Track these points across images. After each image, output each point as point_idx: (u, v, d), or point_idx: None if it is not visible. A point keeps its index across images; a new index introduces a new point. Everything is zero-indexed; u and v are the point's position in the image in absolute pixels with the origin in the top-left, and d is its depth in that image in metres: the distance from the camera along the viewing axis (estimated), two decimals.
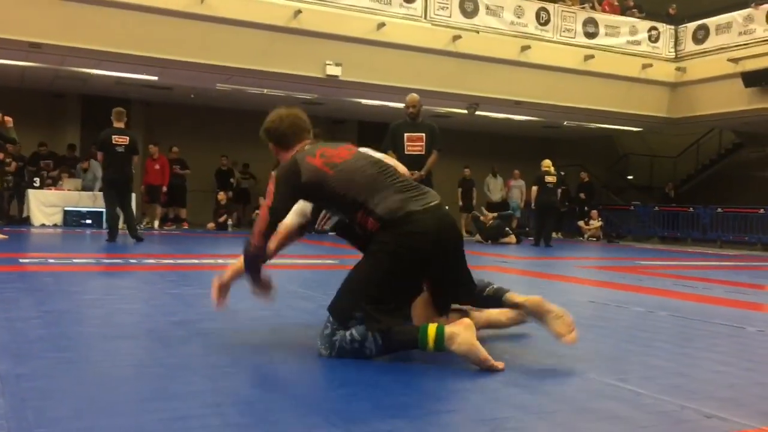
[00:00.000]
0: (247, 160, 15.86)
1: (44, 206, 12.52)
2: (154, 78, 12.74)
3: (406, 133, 7.18)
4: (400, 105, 8.15)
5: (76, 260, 6.50)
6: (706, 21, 15.54)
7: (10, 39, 10.51)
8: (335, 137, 18.05)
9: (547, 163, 12.84)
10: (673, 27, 16.06)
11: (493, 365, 2.57)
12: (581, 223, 16.72)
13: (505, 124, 16.76)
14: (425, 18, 13.30)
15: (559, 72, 14.33)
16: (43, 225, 12.24)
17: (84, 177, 13.31)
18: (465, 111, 14.15)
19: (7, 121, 8.80)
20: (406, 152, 6.98)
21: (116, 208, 9.24)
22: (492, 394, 2.38)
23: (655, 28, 15.84)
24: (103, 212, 12.18)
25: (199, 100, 15.19)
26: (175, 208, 14.34)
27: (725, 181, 18.71)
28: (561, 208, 14.29)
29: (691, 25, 15.85)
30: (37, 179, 12.83)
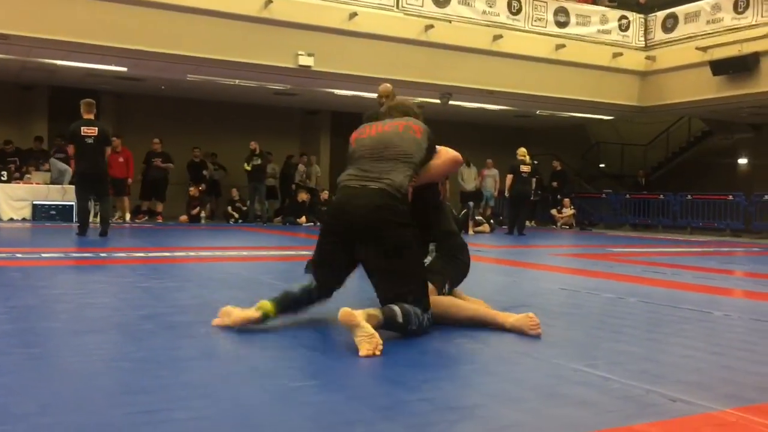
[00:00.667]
0: (221, 151, 15.70)
1: (12, 200, 12.30)
2: (124, 69, 12.56)
3: None
4: (374, 95, 8.11)
5: (45, 255, 6.40)
6: (675, 10, 15.69)
7: None
8: (309, 128, 18.00)
9: (523, 152, 12.89)
10: (642, 16, 16.20)
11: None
12: (554, 212, 16.87)
13: (478, 114, 16.81)
14: (397, 8, 13.25)
15: (531, 61, 14.40)
16: (11, 219, 12.04)
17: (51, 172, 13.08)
18: (438, 101, 14.16)
19: None
20: None
21: (88, 203, 9.09)
22: (462, 382, 2.40)
23: (625, 17, 15.97)
24: (72, 206, 12.02)
25: (171, 91, 15.01)
26: (153, 201, 14.15)
27: (695, 169, 18.99)
28: (533, 197, 14.37)
29: (661, 14, 16.00)
30: (5, 173, 12.59)
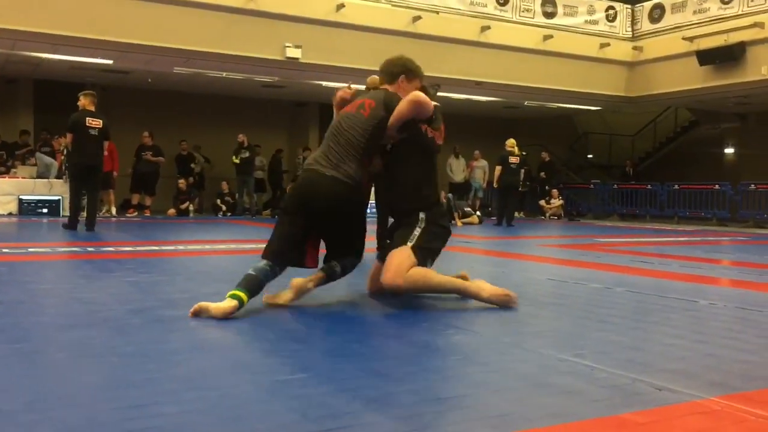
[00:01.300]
0: (208, 145, 15.63)
1: None
2: (110, 62, 12.47)
3: None
4: (362, 87, 8.09)
5: (31, 249, 6.36)
6: (662, 0, 15.73)
7: None
8: (297, 120, 17.94)
9: (512, 142, 12.91)
10: (629, 6, 16.22)
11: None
12: (542, 202, 16.93)
13: (467, 105, 16.82)
14: None
15: (518, 52, 14.41)
16: None
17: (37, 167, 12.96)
18: None
19: None
20: None
21: (81, 198, 8.93)
22: (449, 373, 2.41)
23: (612, 8, 15.99)
24: (59, 200, 11.95)
25: (157, 84, 14.91)
26: (143, 195, 14.07)
27: (682, 159, 19.10)
28: (522, 188, 14.40)
29: (648, 4, 16.03)
30: None
